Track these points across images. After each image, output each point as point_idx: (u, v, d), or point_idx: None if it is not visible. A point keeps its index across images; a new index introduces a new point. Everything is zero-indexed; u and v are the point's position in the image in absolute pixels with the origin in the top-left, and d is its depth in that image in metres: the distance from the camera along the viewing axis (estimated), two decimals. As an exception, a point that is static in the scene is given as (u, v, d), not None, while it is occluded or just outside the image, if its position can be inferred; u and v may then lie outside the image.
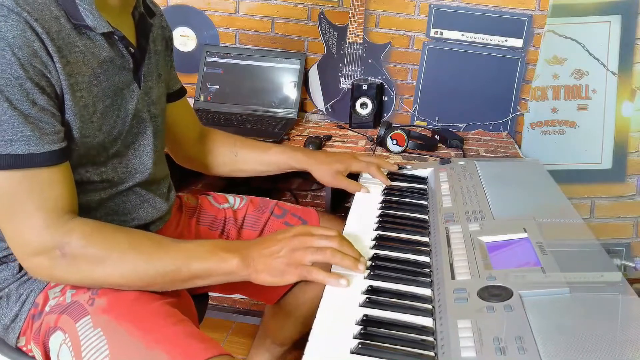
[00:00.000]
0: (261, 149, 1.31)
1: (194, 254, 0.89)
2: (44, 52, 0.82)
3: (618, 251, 2.02)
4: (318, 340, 0.74)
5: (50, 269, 0.85)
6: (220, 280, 0.91)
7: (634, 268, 1.28)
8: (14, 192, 0.82)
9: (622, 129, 1.92)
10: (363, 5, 1.88)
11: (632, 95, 1.89)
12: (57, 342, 0.88)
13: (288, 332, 1.35)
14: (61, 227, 0.85)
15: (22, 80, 0.80)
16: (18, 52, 0.79)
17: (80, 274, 0.86)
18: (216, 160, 1.31)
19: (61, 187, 0.86)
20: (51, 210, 0.84)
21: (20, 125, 0.80)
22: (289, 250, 0.88)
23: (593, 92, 1.89)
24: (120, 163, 0.99)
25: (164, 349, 0.81)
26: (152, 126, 1.05)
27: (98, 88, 0.91)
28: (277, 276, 0.88)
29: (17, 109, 0.80)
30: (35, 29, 0.81)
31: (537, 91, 1.89)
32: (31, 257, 0.85)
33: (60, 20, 0.85)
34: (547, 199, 1.12)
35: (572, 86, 1.89)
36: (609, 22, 1.84)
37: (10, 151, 0.80)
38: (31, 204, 0.83)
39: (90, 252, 0.86)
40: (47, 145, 0.83)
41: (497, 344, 0.67)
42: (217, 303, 2.02)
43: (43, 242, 0.84)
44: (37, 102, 0.82)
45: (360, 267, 0.88)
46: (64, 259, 0.84)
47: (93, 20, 0.89)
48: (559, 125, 1.92)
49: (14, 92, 0.79)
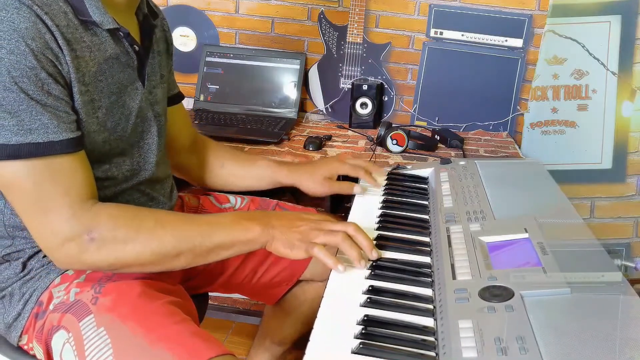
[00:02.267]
0: (248, 162, 1.29)
1: (218, 224, 0.93)
2: (54, 44, 0.83)
3: (618, 251, 2.02)
4: (319, 340, 0.74)
5: (80, 254, 0.85)
6: (242, 250, 0.94)
7: (634, 268, 1.28)
8: (37, 182, 0.83)
9: (622, 129, 1.92)
10: (363, 5, 1.88)
11: (632, 95, 1.89)
12: (61, 341, 0.89)
13: (288, 332, 1.35)
14: (87, 212, 0.85)
15: (37, 70, 0.81)
16: (31, 43, 0.80)
17: (111, 256, 0.87)
18: (203, 172, 1.29)
19: (82, 174, 0.87)
20: (76, 196, 0.85)
21: (38, 114, 0.81)
22: (308, 228, 0.93)
23: (593, 92, 1.89)
24: (124, 161, 1.00)
25: (167, 347, 0.82)
26: (157, 125, 1.05)
27: (104, 84, 0.92)
28: (287, 248, 0.91)
29: (34, 99, 0.81)
30: (46, 21, 0.82)
31: (537, 91, 1.89)
32: (61, 247, 0.85)
33: (67, 15, 0.86)
34: (547, 199, 1.12)
35: (572, 86, 1.89)
36: (609, 22, 1.84)
37: (31, 140, 0.81)
38: (56, 193, 0.84)
39: (120, 233, 0.86)
40: (65, 133, 0.84)
41: (498, 344, 0.67)
42: (217, 303, 2.02)
43: (71, 228, 0.84)
44: (52, 92, 0.83)
45: (362, 262, 0.90)
46: (93, 243, 0.85)
47: (99, 16, 0.90)
48: (559, 125, 1.92)
49: (30, 82, 0.80)
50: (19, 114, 0.80)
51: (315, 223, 0.94)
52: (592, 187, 1.97)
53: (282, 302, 1.30)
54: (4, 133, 0.80)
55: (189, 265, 0.93)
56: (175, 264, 0.91)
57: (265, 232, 0.92)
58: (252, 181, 1.29)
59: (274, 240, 0.92)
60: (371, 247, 0.92)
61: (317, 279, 1.25)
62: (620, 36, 1.85)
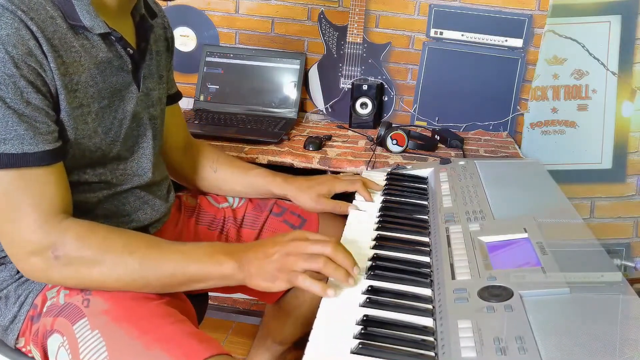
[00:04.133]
0: (242, 169, 1.27)
1: (190, 256, 0.88)
2: (39, 51, 0.82)
3: (618, 251, 2.02)
4: (318, 340, 0.74)
5: (46, 270, 0.85)
6: (217, 284, 0.90)
7: (634, 268, 1.28)
8: (8, 191, 0.82)
9: (622, 129, 1.92)
10: (363, 5, 1.88)
11: (632, 95, 1.89)
12: (55, 345, 0.88)
13: (288, 331, 1.35)
14: (55, 227, 0.84)
15: (15, 78, 0.79)
16: (12, 51, 0.79)
17: (75, 276, 0.86)
18: (195, 174, 1.28)
19: (55, 187, 0.85)
20: (45, 209, 0.84)
21: (14, 124, 0.80)
22: (282, 255, 0.86)
23: (593, 92, 1.89)
24: (119, 166, 0.99)
25: (163, 348, 0.81)
26: (152, 128, 1.05)
27: (94, 89, 0.91)
28: (268, 281, 0.86)
29: (11, 108, 0.80)
30: (30, 27, 0.81)
31: (537, 91, 1.89)
32: (26, 258, 0.84)
33: (56, 20, 0.85)
34: (547, 199, 1.12)
35: (572, 86, 1.89)
36: (609, 22, 1.84)
37: (4, 150, 0.80)
38: (25, 204, 0.83)
39: (86, 254, 0.85)
40: (41, 145, 0.82)
41: (497, 344, 0.67)
42: (217, 303, 2.02)
43: (37, 241, 0.83)
44: (31, 101, 0.81)
45: (350, 281, 0.85)
46: (58, 261, 0.84)
47: (90, 21, 0.88)
48: (559, 125, 1.92)
49: (8, 90, 0.79)
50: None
51: (290, 246, 0.87)
52: (592, 187, 1.97)
53: (282, 301, 1.30)
54: None
55: (162, 292, 0.90)
56: (143, 290, 0.89)
57: (240, 268, 0.87)
58: (244, 189, 1.27)
59: (251, 276, 0.86)
60: (353, 264, 0.86)
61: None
62: (620, 36, 1.85)
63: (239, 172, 1.27)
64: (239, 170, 1.27)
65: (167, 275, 0.87)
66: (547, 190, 1.16)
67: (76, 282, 0.87)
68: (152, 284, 0.88)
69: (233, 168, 1.27)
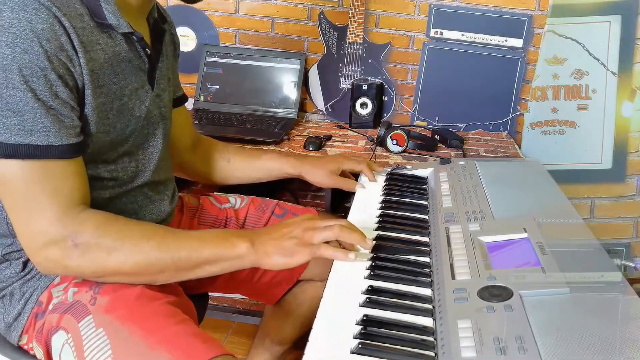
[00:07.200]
0: (254, 156, 1.32)
1: (205, 240, 0.91)
2: (69, 46, 0.83)
3: (618, 251, 2.02)
4: (318, 340, 0.74)
5: (63, 259, 0.85)
6: (230, 267, 0.92)
7: (634, 268, 1.27)
8: (29, 182, 0.83)
9: (622, 129, 1.92)
10: (363, 5, 1.88)
11: (632, 95, 1.89)
12: (60, 342, 0.89)
13: (288, 331, 1.36)
14: (74, 218, 0.85)
15: (47, 71, 0.81)
16: (46, 45, 0.80)
17: (93, 264, 0.86)
18: (209, 168, 1.31)
19: (74, 180, 0.87)
20: (64, 201, 0.85)
21: (42, 116, 0.81)
22: (300, 232, 0.92)
23: (593, 92, 1.89)
24: (130, 162, 1.00)
25: (166, 349, 0.82)
26: (162, 128, 1.06)
27: (116, 86, 0.93)
28: (288, 256, 0.90)
29: (40, 100, 0.81)
30: (63, 23, 0.82)
31: (537, 91, 1.89)
32: (43, 249, 0.85)
33: (84, 17, 0.87)
34: (547, 199, 1.12)
35: (572, 86, 1.89)
36: (609, 22, 1.84)
37: (30, 141, 0.81)
38: (44, 195, 0.84)
39: (104, 242, 0.86)
40: (65, 138, 0.84)
41: (497, 344, 0.67)
42: (217, 303, 2.02)
43: (55, 232, 0.84)
44: (60, 95, 0.83)
45: (368, 241, 0.92)
46: (76, 249, 0.85)
47: (115, 20, 0.90)
48: (559, 125, 1.92)
49: (39, 83, 0.81)
50: (22, 114, 0.80)
51: (304, 223, 0.94)
52: (592, 187, 1.97)
53: (282, 302, 1.30)
54: (4, 131, 0.80)
55: (173, 279, 0.92)
56: (158, 277, 0.90)
57: (254, 249, 0.91)
58: (260, 173, 1.31)
59: (268, 255, 0.90)
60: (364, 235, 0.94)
61: (316, 279, 1.25)
62: (620, 36, 1.85)
63: (251, 158, 1.31)
64: (251, 156, 1.32)
65: (183, 258, 0.89)
66: (547, 190, 1.16)
67: (93, 270, 0.88)
68: (169, 268, 0.89)
69: (244, 156, 1.32)
